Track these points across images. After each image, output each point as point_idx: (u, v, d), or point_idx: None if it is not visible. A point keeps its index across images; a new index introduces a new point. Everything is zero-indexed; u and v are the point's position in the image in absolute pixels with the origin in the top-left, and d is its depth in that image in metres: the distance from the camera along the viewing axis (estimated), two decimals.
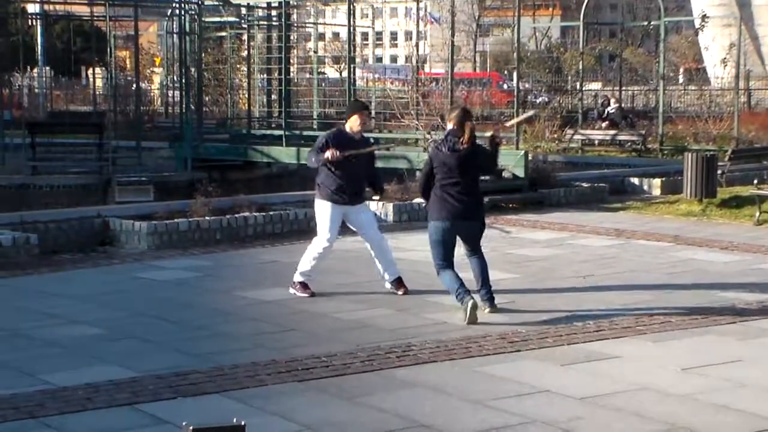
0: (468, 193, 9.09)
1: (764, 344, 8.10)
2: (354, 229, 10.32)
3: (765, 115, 32.63)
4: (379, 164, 18.88)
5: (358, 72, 32.91)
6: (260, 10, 28.07)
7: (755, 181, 15.80)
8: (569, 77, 30.10)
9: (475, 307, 8.72)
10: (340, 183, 9.83)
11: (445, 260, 9.17)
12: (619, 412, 6.42)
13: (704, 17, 27.29)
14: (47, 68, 37.05)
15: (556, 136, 26.11)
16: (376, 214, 10.95)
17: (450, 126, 9.22)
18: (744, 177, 18.75)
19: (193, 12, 25.12)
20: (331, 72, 48.82)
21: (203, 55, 25.68)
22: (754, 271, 11.20)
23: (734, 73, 26.69)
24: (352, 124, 9.96)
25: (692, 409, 6.45)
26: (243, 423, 3.60)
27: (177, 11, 26.98)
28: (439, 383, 7.04)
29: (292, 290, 10.00)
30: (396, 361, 7.60)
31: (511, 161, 17.46)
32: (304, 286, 9.97)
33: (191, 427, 3.49)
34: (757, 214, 14.97)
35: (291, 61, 24.82)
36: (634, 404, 6.55)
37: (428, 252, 9.49)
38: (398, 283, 10.03)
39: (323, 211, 9.96)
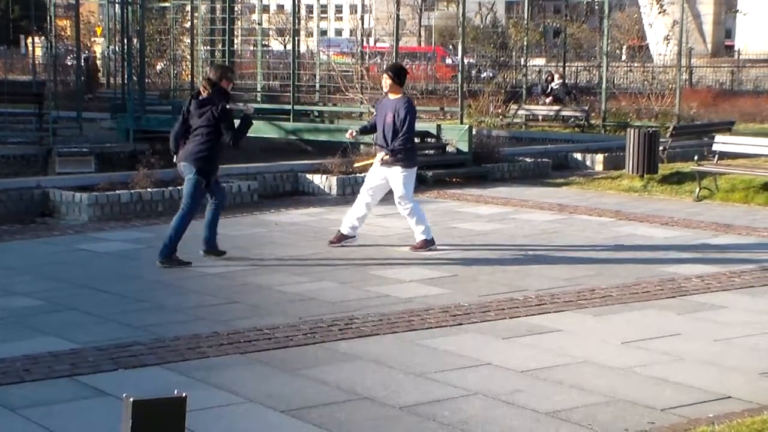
0: (192, 139, 10.16)
1: (702, 318, 8.22)
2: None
3: (706, 92, 32.97)
4: (323, 138, 18.96)
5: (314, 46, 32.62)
6: None
7: (696, 158, 15.98)
8: (514, 52, 30.09)
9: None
10: None
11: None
12: (560, 384, 6.47)
13: None
14: None
15: (500, 111, 26.16)
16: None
17: None
18: (685, 153, 18.96)
19: None
20: (275, 44, 48.42)
21: (145, 25, 25.31)
22: (694, 247, 11.34)
23: (676, 50, 26.88)
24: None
25: (631, 382, 6.53)
26: (184, 395, 3.55)
27: None
28: (382, 356, 7.05)
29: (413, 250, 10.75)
30: (338, 333, 7.60)
31: (454, 136, 17.49)
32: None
33: (131, 399, 3.44)
34: (697, 190, 15.15)
35: (235, 32, 24.58)
36: (574, 377, 6.61)
37: (369, 226, 9.57)
38: None
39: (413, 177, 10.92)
